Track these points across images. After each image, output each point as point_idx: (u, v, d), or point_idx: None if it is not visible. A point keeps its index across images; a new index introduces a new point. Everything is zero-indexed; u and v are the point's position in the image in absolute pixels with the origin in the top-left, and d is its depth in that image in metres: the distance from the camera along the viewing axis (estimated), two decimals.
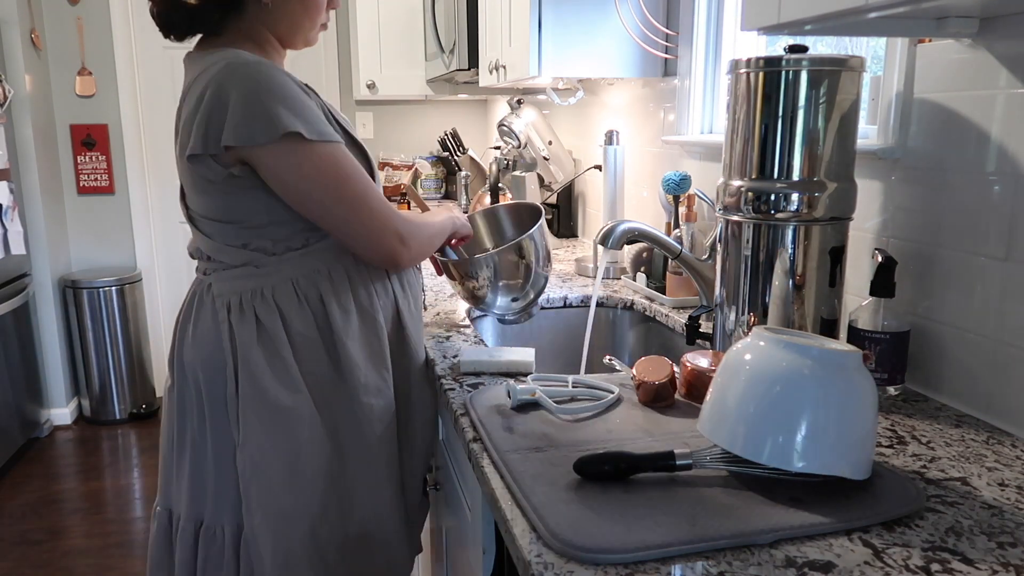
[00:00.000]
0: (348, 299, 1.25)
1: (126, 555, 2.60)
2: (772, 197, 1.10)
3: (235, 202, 1.18)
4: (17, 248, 3.34)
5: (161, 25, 1.23)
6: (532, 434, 1.01)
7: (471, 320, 1.63)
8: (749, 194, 1.12)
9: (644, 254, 1.89)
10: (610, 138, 2.03)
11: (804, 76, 1.07)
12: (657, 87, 2.06)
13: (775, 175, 1.10)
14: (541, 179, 2.63)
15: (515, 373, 1.28)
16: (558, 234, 2.68)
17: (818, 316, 1.14)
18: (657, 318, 1.70)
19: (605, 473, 0.87)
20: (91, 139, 3.80)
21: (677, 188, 1.69)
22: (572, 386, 1.17)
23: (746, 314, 1.18)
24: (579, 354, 1.82)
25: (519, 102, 2.60)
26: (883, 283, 1.14)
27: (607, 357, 1.44)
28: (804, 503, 0.82)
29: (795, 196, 1.09)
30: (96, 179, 3.84)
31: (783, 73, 1.08)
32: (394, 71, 3.64)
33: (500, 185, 2.47)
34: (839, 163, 1.10)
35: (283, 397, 1.20)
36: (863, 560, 0.73)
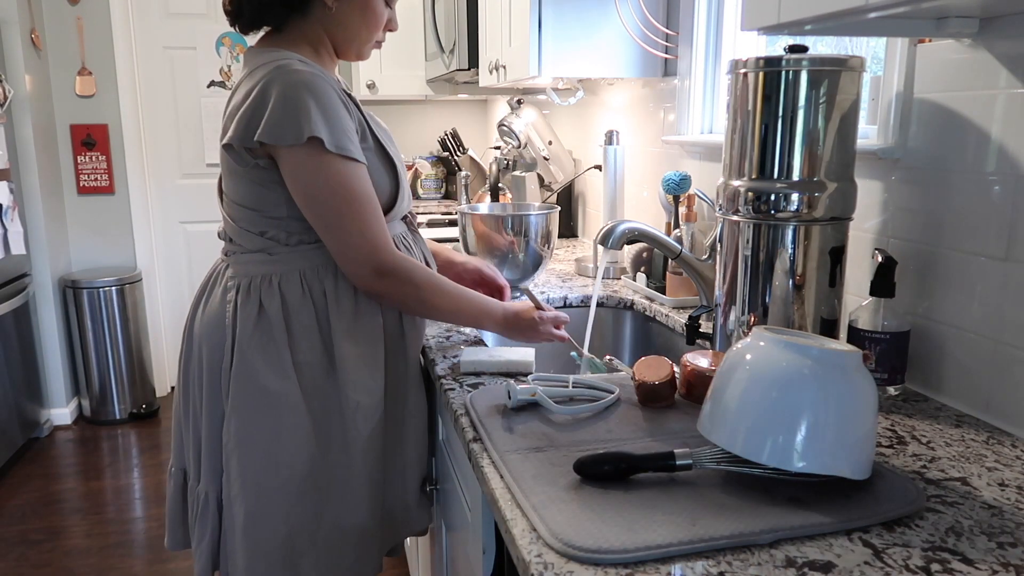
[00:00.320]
0: (349, 298, 1.29)
1: (126, 555, 2.60)
2: (772, 197, 1.11)
3: (259, 191, 1.25)
4: (17, 248, 3.34)
5: (230, 14, 1.31)
6: (532, 434, 1.01)
7: None
8: (749, 194, 1.12)
9: (644, 254, 1.89)
10: (610, 138, 2.03)
11: (804, 76, 1.07)
12: (657, 87, 2.06)
13: (775, 175, 1.10)
14: (541, 179, 2.63)
15: (515, 373, 1.28)
16: (558, 234, 2.68)
17: (818, 316, 1.14)
18: (657, 318, 1.70)
19: (605, 473, 0.87)
20: (91, 139, 3.80)
21: (677, 188, 1.69)
22: (572, 386, 1.17)
23: (746, 314, 1.18)
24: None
25: (519, 102, 2.60)
26: (883, 283, 1.14)
27: (607, 357, 1.44)
28: (804, 503, 0.82)
29: (795, 196, 1.09)
30: (96, 179, 3.84)
31: (783, 73, 1.08)
32: (394, 71, 3.64)
33: (500, 185, 2.47)
34: (839, 163, 1.10)
35: (271, 381, 1.26)
36: (863, 560, 0.73)
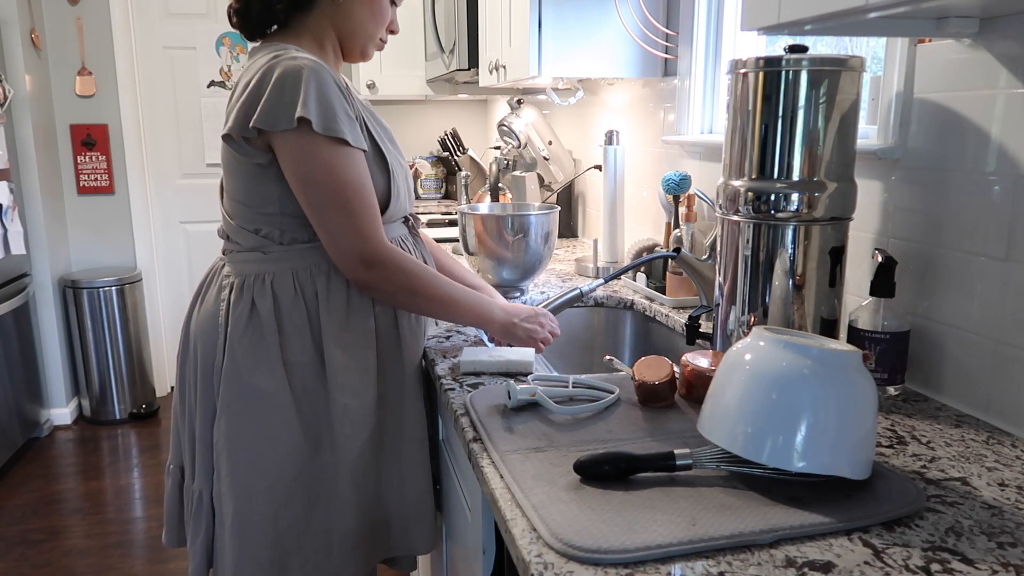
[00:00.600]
0: (341, 299, 1.28)
1: (126, 555, 2.60)
2: (772, 197, 1.10)
3: (254, 187, 1.25)
4: (17, 248, 3.34)
5: (238, 12, 1.30)
6: (532, 434, 1.01)
7: None
8: (749, 194, 1.12)
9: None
10: (610, 138, 2.03)
11: (804, 76, 1.07)
12: (657, 87, 2.06)
13: (775, 175, 1.10)
14: (541, 179, 2.64)
15: (515, 373, 1.28)
16: (558, 234, 2.68)
17: (818, 316, 1.14)
18: (657, 318, 1.70)
19: (605, 473, 0.87)
20: (91, 139, 3.80)
21: (677, 188, 1.69)
22: (572, 386, 1.17)
23: (746, 314, 1.18)
24: (581, 354, 1.82)
25: (519, 102, 2.60)
26: (883, 283, 1.14)
27: (607, 357, 1.44)
28: (804, 503, 0.82)
29: (795, 196, 1.09)
30: (96, 179, 3.84)
31: (783, 73, 1.08)
32: (394, 71, 3.64)
33: (500, 185, 2.47)
34: (839, 163, 1.10)
35: (261, 381, 1.25)
36: (863, 560, 0.73)
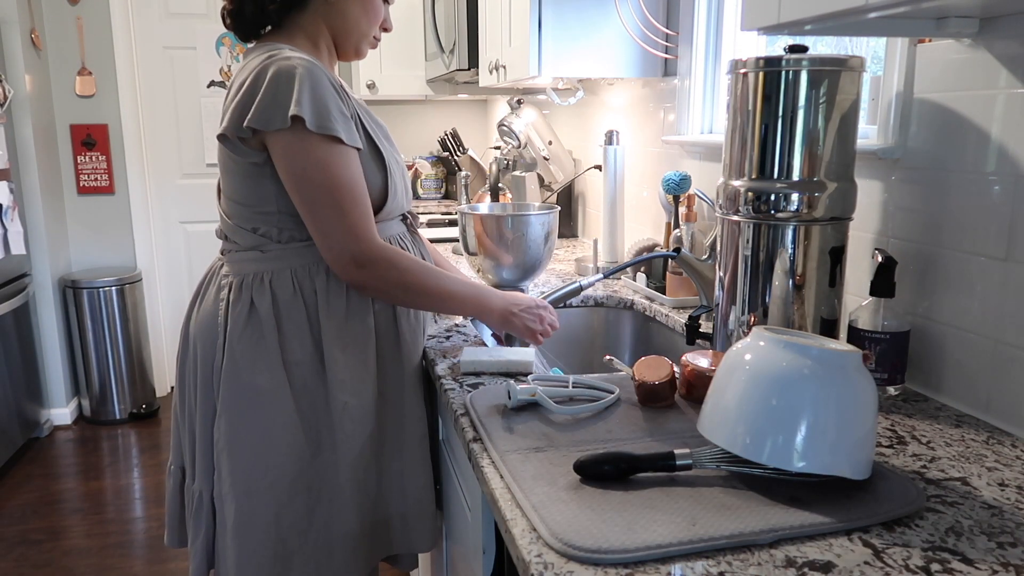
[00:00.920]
0: (340, 297, 1.28)
1: (126, 555, 2.60)
2: (772, 197, 1.10)
3: (252, 186, 1.25)
4: (17, 248, 3.34)
5: (232, 13, 1.30)
6: (532, 434, 1.01)
7: (471, 320, 1.62)
8: (749, 194, 1.12)
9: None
10: (610, 138, 2.03)
11: (804, 76, 1.07)
12: (657, 87, 2.06)
13: (775, 175, 1.10)
14: (541, 179, 2.63)
15: (515, 373, 1.28)
16: (558, 234, 2.68)
17: (818, 316, 1.14)
18: (657, 318, 1.70)
19: (605, 473, 0.87)
20: (91, 139, 3.80)
21: (677, 188, 1.69)
22: (572, 386, 1.17)
23: (746, 314, 1.18)
24: (581, 354, 1.82)
25: (519, 102, 2.60)
26: (883, 283, 1.14)
27: (607, 357, 1.44)
28: (804, 503, 0.82)
29: (795, 196, 1.09)
30: (96, 179, 3.84)
31: (783, 73, 1.08)
32: (394, 71, 3.64)
33: (500, 185, 2.47)
34: (839, 163, 1.10)
35: (261, 379, 1.25)
36: (863, 560, 0.73)
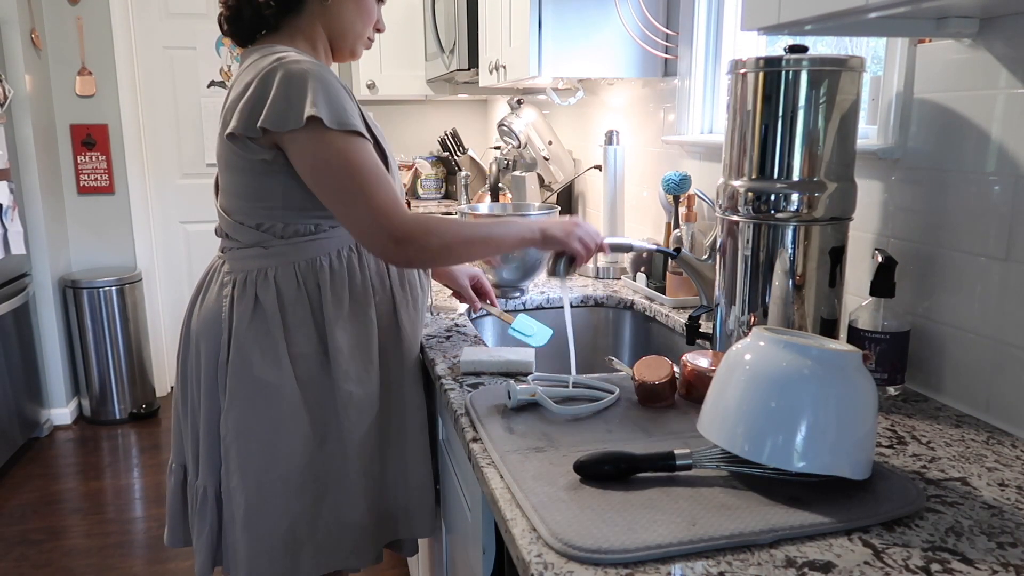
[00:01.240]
0: (343, 289, 1.30)
1: (126, 555, 2.60)
2: (772, 197, 1.10)
3: (257, 182, 1.25)
4: (17, 248, 3.34)
5: (229, 19, 1.31)
6: (532, 434, 1.01)
7: (471, 320, 1.63)
8: (749, 194, 1.12)
9: (644, 254, 1.89)
10: (610, 138, 2.03)
11: (804, 76, 1.07)
12: (657, 87, 2.06)
13: (775, 175, 1.10)
14: (541, 179, 2.63)
15: (515, 373, 1.28)
16: None
17: (818, 316, 1.14)
18: (657, 318, 1.70)
19: (605, 473, 0.87)
20: (91, 139, 3.80)
21: (677, 188, 1.69)
22: (572, 386, 1.17)
23: (746, 314, 1.18)
24: (580, 354, 1.82)
25: (519, 102, 2.60)
26: (883, 283, 1.14)
27: (607, 357, 1.44)
28: (804, 503, 0.82)
29: (795, 196, 1.09)
30: (96, 179, 3.84)
31: (783, 73, 1.08)
32: (394, 71, 3.64)
33: (500, 185, 2.47)
34: (839, 163, 1.10)
35: (268, 373, 1.27)
36: (863, 560, 0.73)
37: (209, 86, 3.97)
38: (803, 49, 1.08)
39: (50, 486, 3.10)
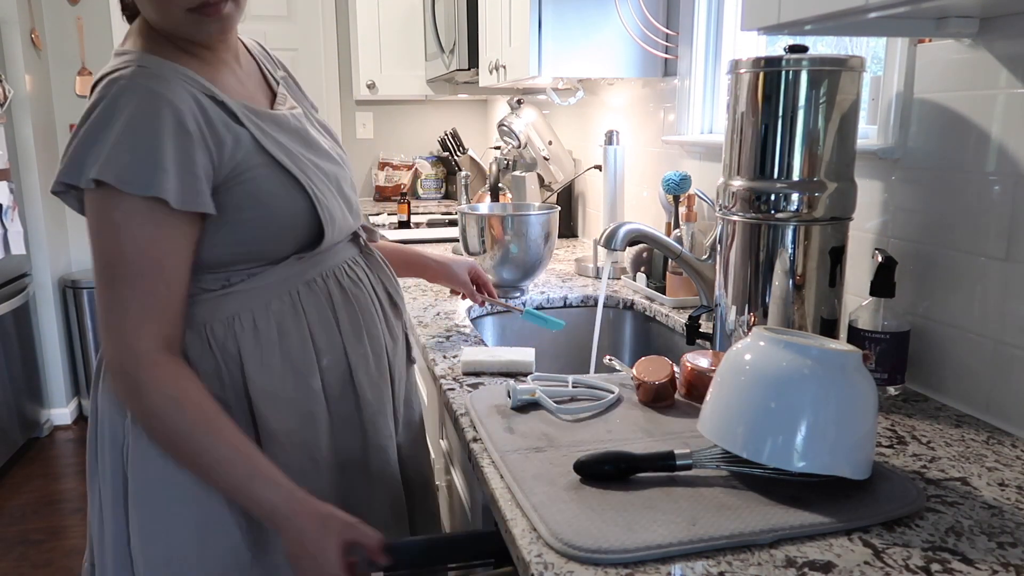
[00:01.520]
0: (274, 355, 1.00)
1: None
2: (772, 197, 1.10)
3: None
4: (17, 248, 3.34)
5: (128, 6, 1.11)
6: (532, 434, 1.01)
7: (471, 320, 1.63)
8: (749, 194, 1.12)
9: (644, 254, 1.89)
10: (610, 138, 2.03)
11: (804, 76, 1.07)
12: (657, 87, 2.06)
13: (775, 175, 1.10)
14: (541, 179, 2.63)
15: (515, 373, 1.28)
16: (558, 234, 2.68)
17: (818, 316, 1.14)
18: (657, 318, 1.70)
19: (605, 473, 0.87)
20: None
21: (677, 188, 1.69)
22: (572, 386, 1.17)
23: (746, 314, 1.18)
24: (580, 354, 1.82)
25: (519, 102, 2.60)
26: (883, 283, 1.14)
27: (607, 357, 1.44)
28: (804, 503, 0.82)
29: (795, 196, 1.09)
30: None
31: (783, 73, 1.08)
32: (394, 71, 3.64)
33: (500, 185, 2.47)
34: (839, 163, 1.10)
35: (171, 467, 0.96)
36: (863, 560, 0.73)
37: None
38: (803, 49, 1.08)
39: (50, 486, 3.10)
